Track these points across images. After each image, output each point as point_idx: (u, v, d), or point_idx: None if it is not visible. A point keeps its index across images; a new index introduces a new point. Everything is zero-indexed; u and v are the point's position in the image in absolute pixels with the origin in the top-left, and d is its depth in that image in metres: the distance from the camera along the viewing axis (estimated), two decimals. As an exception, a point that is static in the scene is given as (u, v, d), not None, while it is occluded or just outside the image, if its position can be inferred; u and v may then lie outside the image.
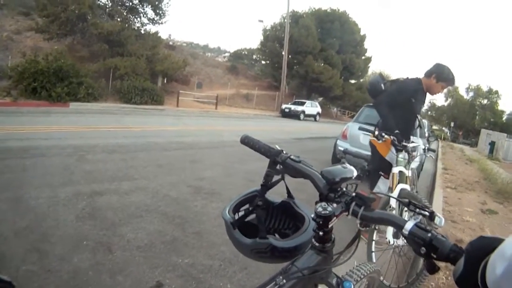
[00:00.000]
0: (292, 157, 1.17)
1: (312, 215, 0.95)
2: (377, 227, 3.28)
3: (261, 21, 41.34)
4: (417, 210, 0.91)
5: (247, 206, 1.23)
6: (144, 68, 23.41)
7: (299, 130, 18.66)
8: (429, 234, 0.78)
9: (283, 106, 31.51)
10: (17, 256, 2.90)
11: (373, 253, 3.20)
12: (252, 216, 1.23)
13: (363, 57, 45.83)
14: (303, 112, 30.73)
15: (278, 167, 1.17)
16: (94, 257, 3.02)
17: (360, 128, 4.87)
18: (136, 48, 23.85)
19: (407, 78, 3.86)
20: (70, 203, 4.22)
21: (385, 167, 3.76)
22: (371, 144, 4.00)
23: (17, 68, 17.34)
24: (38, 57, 18.11)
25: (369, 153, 4.35)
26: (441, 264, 2.51)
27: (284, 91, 36.37)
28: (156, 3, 25.85)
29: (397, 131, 3.46)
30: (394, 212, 3.09)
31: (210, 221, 4.11)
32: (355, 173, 1.03)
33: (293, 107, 30.84)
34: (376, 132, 3.46)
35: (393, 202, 3.10)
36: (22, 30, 26.97)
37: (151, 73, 24.71)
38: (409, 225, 0.81)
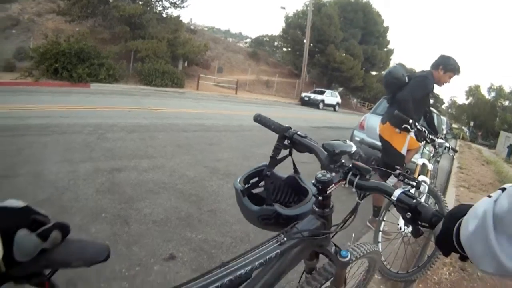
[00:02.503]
0: (298, 133, 1.26)
1: (313, 181, 1.02)
2: (385, 218, 3.32)
3: (283, 8, 40.99)
4: (406, 180, 1.01)
5: (256, 179, 1.32)
6: (165, 51, 23.46)
7: (318, 119, 18.54)
8: (414, 201, 0.86)
9: (303, 94, 31.22)
10: None
11: (379, 243, 3.24)
12: (261, 189, 1.33)
13: (385, 49, 45.21)
14: (323, 101, 30.38)
15: (286, 142, 1.27)
16: (111, 228, 3.11)
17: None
18: (158, 31, 23.93)
19: (423, 72, 3.84)
20: (90, 178, 4.33)
21: (400, 161, 3.75)
22: (382, 138, 3.97)
23: (39, 50, 17.52)
24: (60, 39, 18.35)
25: None
26: (445, 260, 2.58)
27: (304, 79, 36.10)
28: (177, -14, 25.82)
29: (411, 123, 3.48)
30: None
31: (225, 201, 4.19)
32: (353, 148, 1.10)
33: (312, 95, 30.53)
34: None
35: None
36: (44, 13, 27.18)
37: (172, 56, 24.77)
38: (397, 192, 0.90)
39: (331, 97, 32.32)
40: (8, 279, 0.60)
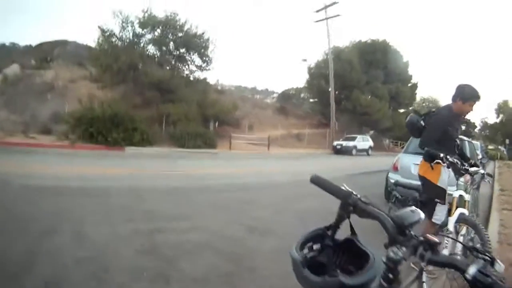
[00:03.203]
0: (362, 199, 1.18)
1: (383, 259, 1.01)
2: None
3: (305, 60, 41.69)
4: (480, 255, 0.97)
5: (310, 243, 1.26)
6: (195, 113, 24.22)
7: (352, 166, 18.29)
8: (490, 280, 0.82)
9: (335, 142, 31.09)
10: (77, 282, 3.13)
11: (424, 283, 3.17)
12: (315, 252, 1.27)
13: (409, 85, 45.11)
14: (355, 147, 30.20)
15: (349, 208, 1.19)
16: (152, 287, 3.17)
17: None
18: (187, 94, 24.85)
19: (438, 108, 4.03)
20: (130, 239, 4.44)
21: (439, 194, 3.72)
22: (419, 176, 3.99)
23: (74, 114, 18.73)
24: (93, 104, 19.46)
25: (419, 183, 4.34)
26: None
27: (334, 127, 36.14)
28: (202, 50, 27.00)
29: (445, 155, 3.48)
30: (451, 235, 3.11)
31: (264, 257, 4.15)
32: (422, 216, 1.06)
33: (344, 143, 30.40)
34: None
35: (450, 226, 3.10)
36: (77, 79, 28.93)
37: (203, 118, 25.51)
38: (472, 270, 0.85)
39: (363, 141, 32.15)
40: None
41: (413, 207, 1.07)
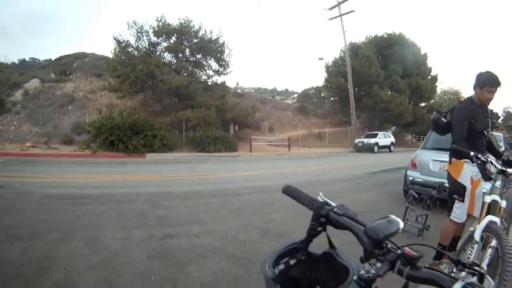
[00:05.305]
0: (335, 210, 1.12)
1: (355, 277, 0.92)
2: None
3: (321, 58, 41.11)
4: (466, 270, 0.89)
5: (287, 259, 1.20)
6: (215, 117, 24.41)
7: (373, 164, 17.96)
8: None
9: (356, 140, 31.01)
10: (88, 286, 3.26)
11: None
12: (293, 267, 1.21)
13: (429, 77, 44.21)
14: (377, 144, 29.92)
15: (321, 219, 1.13)
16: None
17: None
18: (205, 99, 25.03)
19: (459, 102, 3.91)
20: (142, 243, 4.55)
21: (458, 190, 3.61)
22: (447, 170, 3.90)
23: (94, 124, 19.19)
24: (113, 113, 20.00)
25: (438, 181, 4.23)
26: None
27: (355, 125, 35.89)
28: (218, 55, 27.24)
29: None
30: (476, 246, 2.84)
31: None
32: (401, 226, 0.96)
33: (366, 140, 30.28)
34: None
35: (476, 235, 2.84)
36: (96, 90, 29.87)
37: (222, 122, 25.70)
38: (457, 287, 0.78)
39: (385, 138, 31.90)
40: None
41: (392, 216, 0.98)
